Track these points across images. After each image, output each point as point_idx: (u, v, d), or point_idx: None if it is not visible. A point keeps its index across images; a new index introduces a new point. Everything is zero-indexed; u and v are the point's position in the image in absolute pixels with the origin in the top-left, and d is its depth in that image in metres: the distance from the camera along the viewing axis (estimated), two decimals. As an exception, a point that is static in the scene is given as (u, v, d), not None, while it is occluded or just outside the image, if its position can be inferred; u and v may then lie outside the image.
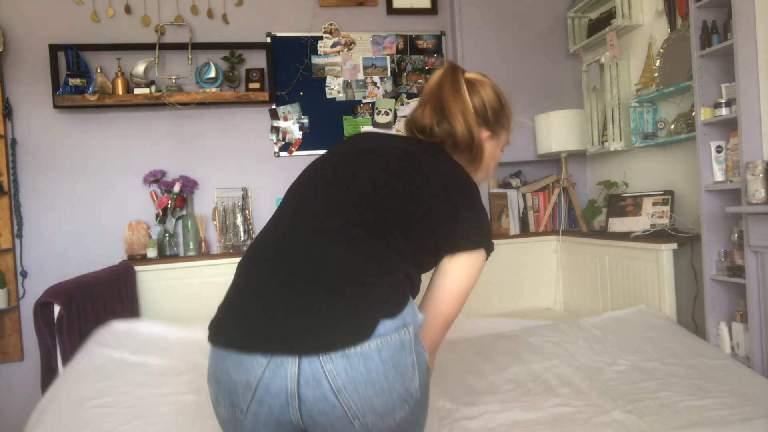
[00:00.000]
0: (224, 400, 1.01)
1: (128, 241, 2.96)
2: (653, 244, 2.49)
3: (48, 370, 2.09)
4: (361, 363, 0.96)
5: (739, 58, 2.03)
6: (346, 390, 0.95)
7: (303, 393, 0.95)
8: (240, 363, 0.97)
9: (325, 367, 0.94)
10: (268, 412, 0.97)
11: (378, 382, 0.97)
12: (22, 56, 2.96)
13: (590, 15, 3.33)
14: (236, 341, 0.99)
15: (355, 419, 0.96)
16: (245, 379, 0.97)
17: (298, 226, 1.11)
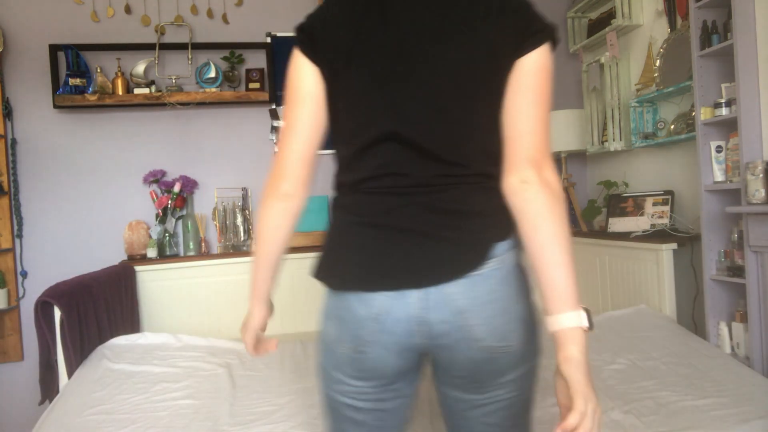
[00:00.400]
0: (347, 336, 1.02)
1: (128, 241, 2.96)
2: (653, 244, 2.49)
3: (47, 368, 2.09)
4: (482, 283, 0.97)
5: (739, 58, 2.03)
6: (471, 310, 0.96)
7: (429, 316, 0.96)
8: (364, 299, 0.99)
9: (449, 289, 0.96)
10: (395, 340, 0.99)
11: (497, 302, 0.98)
12: (22, 56, 2.96)
13: (590, 15, 3.33)
14: (361, 284, 1.00)
15: (478, 342, 0.97)
16: (371, 311, 0.98)
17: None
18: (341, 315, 1.03)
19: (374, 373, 1.03)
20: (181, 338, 2.47)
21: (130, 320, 2.70)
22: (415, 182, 0.99)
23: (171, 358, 2.27)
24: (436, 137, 0.98)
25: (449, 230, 0.99)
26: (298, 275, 3.08)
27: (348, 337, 1.02)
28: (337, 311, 1.04)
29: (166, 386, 2.02)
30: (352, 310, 1.01)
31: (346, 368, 1.04)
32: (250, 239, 3.12)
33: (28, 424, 2.93)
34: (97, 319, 2.32)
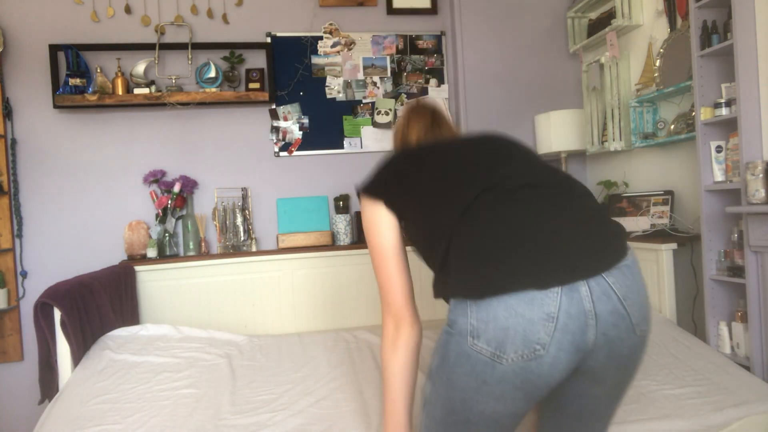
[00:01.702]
0: (516, 343, 1.04)
1: (128, 241, 2.96)
2: (653, 244, 2.49)
3: (46, 368, 2.09)
4: (629, 272, 1.10)
5: (739, 58, 2.03)
6: (628, 297, 1.08)
7: (598, 309, 1.05)
8: (533, 300, 1.03)
9: (608, 280, 1.07)
10: (570, 339, 1.04)
11: (641, 289, 1.12)
12: (22, 56, 2.96)
13: (590, 15, 3.33)
14: (529, 280, 1.04)
15: (637, 327, 1.09)
16: (545, 312, 1.03)
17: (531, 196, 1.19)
18: (505, 325, 1.05)
19: (541, 385, 1.07)
20: (181, 330, 2.50)
21: (131, 320, 2.70)
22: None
23: (172, 349, 2.30)
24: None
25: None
26: (299, 275, 3.09)
27: (519, 344, 1.04)
28: (497, 322, 1.05)
29: (168, 376, 2.06)
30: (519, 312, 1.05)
31: (517, 374, 1.05)
32: (250, 239, 3.12)
33: (28, 424, 2.93)
34: (100, 317, 2.33)
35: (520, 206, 1.14)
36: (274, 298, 3.06)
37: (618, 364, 1.11)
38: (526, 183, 1.19)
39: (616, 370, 1.12)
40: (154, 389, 1.96)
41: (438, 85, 3.42)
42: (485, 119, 3.39)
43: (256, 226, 3.21)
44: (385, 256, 1.29)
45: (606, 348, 1.07)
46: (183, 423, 1.74)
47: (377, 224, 1.30)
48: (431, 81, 3.42)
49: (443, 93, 3.43)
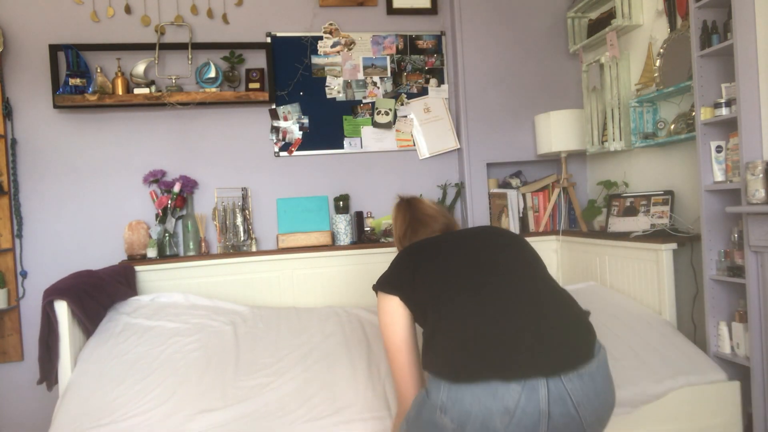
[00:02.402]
0: (475, 427, 1.21)
1: (128, 241, 2.96)
2: (653, 244, 2.49)
3: (45, 348, 2.09)
4: (589, 380, 1.24)
5: (739, 58, 2.03)
6: (581, 404, 1.22)
7: (552, 410, 1.20)
8: (496, 392, 1.20)
9: (567, 386, 1.21)
10: (522, 430, 1.20)
11: (600, 394, 1.25)
12: (22, 56, 2.96)
13: (590, 15, 3.33)
14: (495, 371, 1.20)
15: (588, 428, 1.24)
16: (504, 406, 1.19)
17: (499, 285, 1.37)
18: (467, 410, 1.21)
19: None
20: (188, 298, 2.67)
21: None
22: None
23: (182, 315, 2.47)
24: None
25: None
26: (299, 275, 3.09)
27: (477, 427, 1.21)
28: (461, 406, 1.22)
29: (179, 340, 2.25)
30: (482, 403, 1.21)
31: None
32: (250, 239, 3.12)
33: (28, 424, 2.94)
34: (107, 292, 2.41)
35: (497, 305, 1.30)
36: (274, 298, 3.06)
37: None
38: (506, 282, 1.36)
39: None
40: (168, 351, 2.16)
41: (438, 85, 3.42)
42: (485, 119, 3.39)
43: (256, 226, 3.21)
44: (398, 349, 1.48)
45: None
46: (196, 383, 1.96)
47: (393, 319, 1.48)
48: (431, 81, 3.42)
49: (443, 93, 3.43)
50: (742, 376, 2.23)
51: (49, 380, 2.06)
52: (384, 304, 1.49)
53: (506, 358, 1.22)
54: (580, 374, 1.22)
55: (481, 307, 1.31)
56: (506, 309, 1.30)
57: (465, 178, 3.36)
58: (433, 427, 1.26)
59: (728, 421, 2.10)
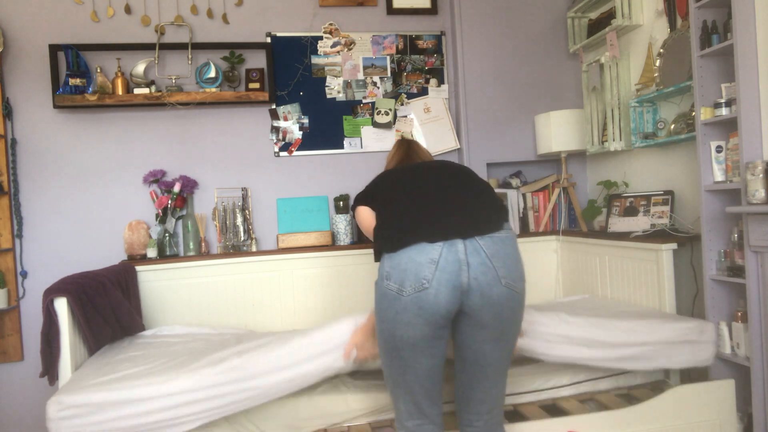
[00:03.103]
0: (410, 279, 1.55)
1: (128, 241, 2.96)
2: (653, 244, 2.49)
3: (46, 342, 2.09)
4: (499, 242, 1.60)
5: (739, 58, 2.03)
6: (494, 257, 1.56)
7: (470, 260, 1.55)
8: (423, 250, 1.55)
9: (480, 242, 1.57)
10: (447, 277, 1.53)
11: (509, 256, 1.60)
12: (22, 56, 2.96)
13: (590, 15, 3.33)
14: (422, 238, 1.57)
15: (502, 279, 1.56)
16: (429, 257, 1.54)
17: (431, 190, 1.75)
18: (404, 267, 1.57)
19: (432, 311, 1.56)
20: (190, 329, 2.80)
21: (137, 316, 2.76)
22: None
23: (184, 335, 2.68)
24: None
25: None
26: (299, 275, 3.09)
27: (412, 279, 1.55)
28: (399, 266, 1.58)
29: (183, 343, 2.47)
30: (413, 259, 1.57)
31: (413, 302, 1.55)
32: (250, 239, 3.12)
33: (29, 424, 2.94)
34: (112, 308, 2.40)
35: (428, 200, 1.69)
36: (274, 298, 3.06)
37: (492, 310, 1.57)
38: (441, 189, 1.72)
39: (492, 316, 1.58)
40: (171, 349, 2.36)
41: (438, 85, 3.42)
42: (485, 119, 3.39)
43: (256, 226, 3.21)
44: (369, 226, 1.87)
45: (478, 291, 1.55)
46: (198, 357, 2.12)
47: (364, 216, 1.89)
48: (431, 81, 3.42)
49: (443, 93, 3.43)
50: (742, 376, 2.23)
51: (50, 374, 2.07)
52: (359, 211, 1.92)
53: (431, 227, 1.58)
54: (492, 237, 1.59)
55: (415, 202, 1.70)
56: (435, 201, 1.68)
57: (465, 178, 3.36)
58: (384, 297, 1.60)
59: (724, 419, 2.18)
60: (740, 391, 2.24)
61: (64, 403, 1.82)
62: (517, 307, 1.62)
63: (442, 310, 1.55)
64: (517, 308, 1.62)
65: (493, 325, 1.59)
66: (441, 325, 1.59)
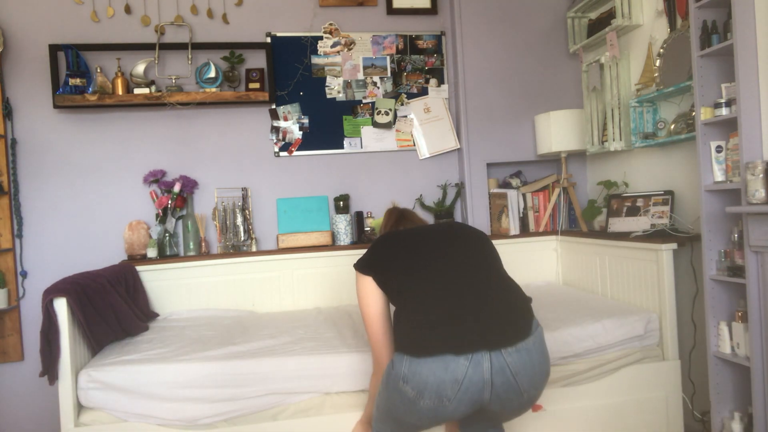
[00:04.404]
0: (430, 394, 1.48)
1: (128, 241, 2.96)
2: (653, 244, 2.49)
3: (46, 342, 2.09)
4: (526, 354, 1.52)
5: (739, 58, 2.03)
6: (519, 374, 1.50)
7: (494, 380, 1.49)
8: (447, 365, 1.47)
9: (507, 359, 1.49)
10: (470, 397, 1.49)
11: (536, 366, 1.54)
12: (22, 56, 2.96)
13: (590, 15, 3.33)
14: (448, 348, 1.48)
15: (525, 393, 1.53)
16: (454, 377, 1.47)
17: (455, 278, 1.63)
18: (424, 380, 1.49)
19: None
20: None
21: (147, 312, 2.79)
22: None
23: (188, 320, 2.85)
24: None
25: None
26: (299, 275, 3.09)
27: (432, 395, 1.48)
28: (419, 376, 1.50)
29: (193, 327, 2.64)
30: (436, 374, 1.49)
31: (430, 414, 1.52)
32: (250, 239, 3.12)
33: (28, 424, 2.93)
34: (113, 309, 2.39)
35: (450, 291, 1.58)
36: (274, 298, 3.06)
37: (510, 410, 1.58)
38: (461, 273, 1.63)
39: (509, 412, 1.59)
40: (183, 332, 2.51)
41: (438, 85, 3.42)
42: (485, 119, 3.39)
43: (256, 226, 3.21)
44: (371, 319, 1.75)
45: (498, 403, 1.53)
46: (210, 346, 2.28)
47: (367, 293, 1.74)
48: (431, 81, 3.42)
49: (443, 93, 3.43)
50: (742, 376, 2.23)
51: (50, 374, 2.07)
52: (360, 282, 1.75)
53: (456, 336, 1.49)
54: (518, 349, 1.50)
55: (438, 294, 1.58)
56: (459, 295, 1.57)
57: (465, 178, 3.36)
58: (398, 393, 1.53)
59: (670, 395, 2.45)
60: (740, 391, 2.24)
61: (92, 376, 2.08)
62: (535, 400, 1.61)
63: (457, 417, 1.55)
64: (535, 399, 1.61)
65: (511, 413, 1.63)
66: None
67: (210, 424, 2.08)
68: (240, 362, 2.11)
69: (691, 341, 2.60)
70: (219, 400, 2.07)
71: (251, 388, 2.08)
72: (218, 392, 2.07)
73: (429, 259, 1.68)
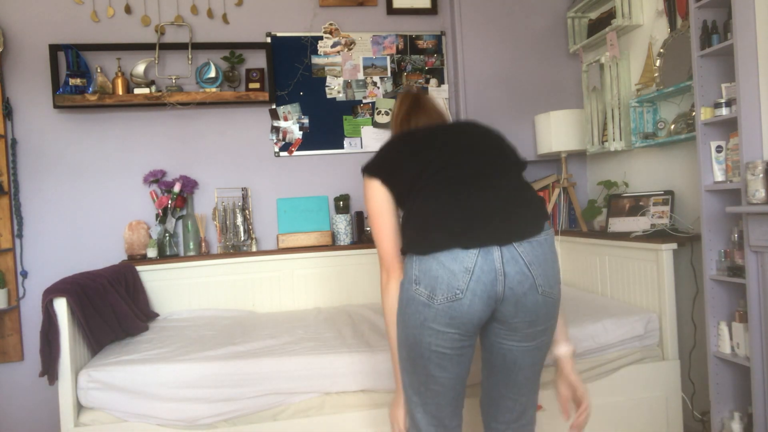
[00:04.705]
0: (442, 287, 1.41)
1: (128, 241, 2.96)
2: (653, 244, 2.49)
3: (45, 342, 2.09)
4: (538, 247, 1.46)
5: (739, 58, 2.03)
6: (533, 264, 1.43)
7: (506, 269, 1.41)
8: (456, 257, 1.40)
9: (518, 249, 1.43)
10: (482, 288, 1.41)
11: (548, 261, 1.47)
12: (22, 56, 2.96)
13: (590, 15, 3.33)
14: (456, 242, 1.41)
15: (539, 287, 1.45)
16: (464, 266, 1.40)
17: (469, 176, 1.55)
18: (435, 274, 1.42)
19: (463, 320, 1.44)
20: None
21: (147, 312, 2.79)
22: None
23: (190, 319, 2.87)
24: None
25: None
26: (299, 275, 3.09)
27: (444, 288, 1.41)
28: (430, 272, 1.43)
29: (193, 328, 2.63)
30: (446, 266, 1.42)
31: (444, 312, 1.42)
32: (250, 239, 3.12)
33: (28, 424, 2.93)
34: (113, 309, 2.40)
35: (459, 188, 1.50)
36: (274, 298, 3.06)
37: (525, 317, 1.47)
38: (470, 170, 1.55)
39: (525, 323, 1.48)
40: (183, 332, 2.52)
41: (438, 85, 3.42)
42: (485, 119, 3.38)
43: (256, 226, 3.21)
44: (377, 214, 1.63)
45: (513, 299, 1.43)
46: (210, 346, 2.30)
47: (374, 194, 1.63)
48: (431, 81, 3.42)
49: (443, 93, 3.43)
50: (742, 376, 2.24)
51: (50, 374, 2.07)
52: (368, 184, 1.66)
53: (466, 231, 1.43)
54: (530, 242, 1.45)
55: (447, 196, 1.50)
56: (469, 196, 1.49)
57: (465, 178, 3.36)
58: (412, 301, 1.46)
59: (670, 394, 2.44)
60: (740, 391, 2.24)
61: (92, 376, 2.08)
62: (551, 312, 1.51)
63: (475, 320, 1.44)
64: (552, 314, 1.51)
65: (526, 331, 1.49)
66: (471, 334, 1.48)
67: (210, 424, 2.08)
68: (240, 362, 2.11)
69: (691, 341, 2.60)
70: (219, 400, 2.07)
71: (251, 388, 2.08)
72: (218, 392, 2.07)
73: (441, 161, 1.57)
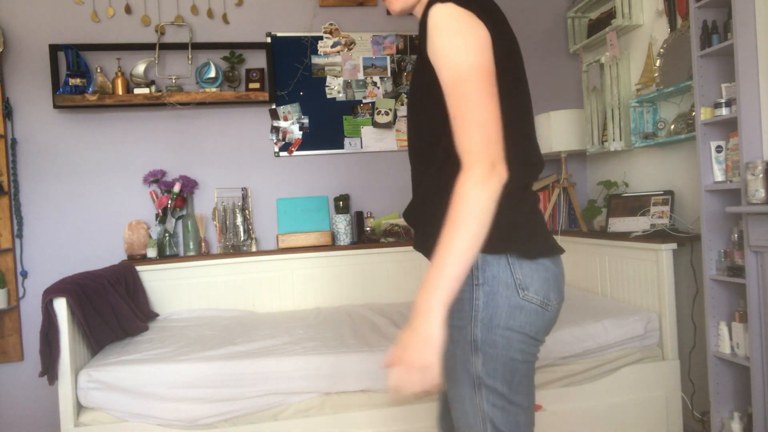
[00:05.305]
0: (556, 292, 1.17)
1: (128, 241, 2.96)
2: (653, 244, 2.49)
3: (45, 342, 2.09)
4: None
5: (739, 58, 2.03)
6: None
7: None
8: (556, 260, 1.19)
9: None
10: (562, 287, 1.22)
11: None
12: (22, 56, 2.96)
13: (590, 15, 3.33)
14: (556, 249, 1.21)
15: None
16: (561, 270, 1.21)
17: None
18: (552, 278, 1.17)
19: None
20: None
21: (146, 312, 2.79)
22: None
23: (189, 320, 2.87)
24: None
25: None
26: (299, 275, 3.09)
27: (557, 292, 1.17)
28: (547, 275, 1.16)
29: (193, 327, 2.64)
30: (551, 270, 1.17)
31: (550, 321, 1.17)
32: (250, 239, 3.12)
33: (28, 424, 2.93)
34: (113, 309, 2.40)
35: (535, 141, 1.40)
36: (274, 298, 3.06)
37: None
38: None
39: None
40: (183, 332, 2.52)
41: (438, 85, 3.42)
42: (485, 119, 3.38)
43: (256, 226, 3.21)
44: (485, 78, 1.03)
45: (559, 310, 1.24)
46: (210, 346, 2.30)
47: (471, 38, 1.00)
48: (431, 81, 3.41)
49: (443, 93, 3.42)
50: (742, 376, 2.23)
51: (50, 374, 2.07)
52: (455, 17, 1.01)
53: (552, 237, 1.24)
54: None
55: (528, 125, 1.33)
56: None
57: (465, 178, 3.35)
58: (519, 312, 1.10)
59: (669, 394, 2.46)
60: (740, 391, 2.24)
61: (92, 375, 2.08)
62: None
63: (549, 328, 1.22)
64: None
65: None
66: None
67: (210, 424, 2.08)
68: (240, 362, 2.11)
69: (691, 341, 2.60)
70: (219, 400, 2.07)
71: (251, 388, 2.09)
72: (218, 392, 2.07)
73: (525, 81, 1.33)
